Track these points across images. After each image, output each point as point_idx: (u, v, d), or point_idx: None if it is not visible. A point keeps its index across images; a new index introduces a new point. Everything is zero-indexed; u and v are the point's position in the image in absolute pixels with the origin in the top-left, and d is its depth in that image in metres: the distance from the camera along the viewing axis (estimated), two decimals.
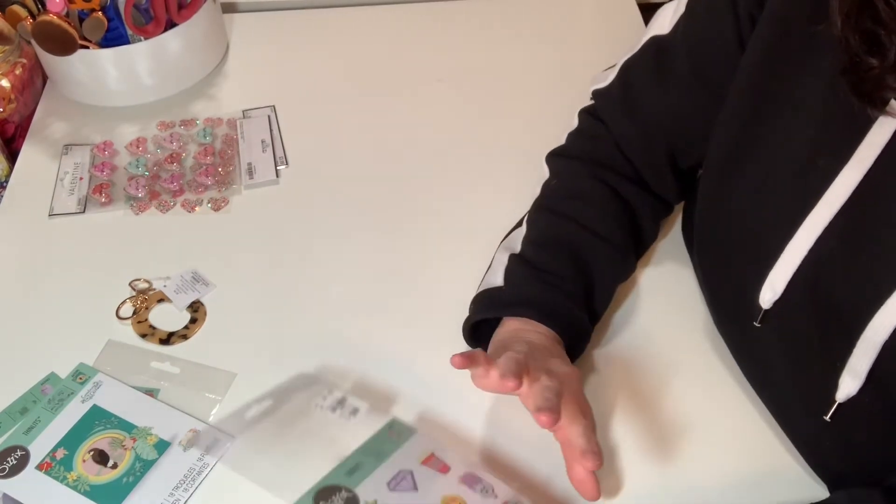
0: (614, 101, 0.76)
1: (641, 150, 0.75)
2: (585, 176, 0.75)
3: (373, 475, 0.60)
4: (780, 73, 0.60)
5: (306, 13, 1.14)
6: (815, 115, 0.57)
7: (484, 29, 1.10)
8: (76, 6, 0.90)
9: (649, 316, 0.77)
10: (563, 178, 0.77)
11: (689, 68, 0.69)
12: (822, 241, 0.56)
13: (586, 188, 0.75)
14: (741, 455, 0.68)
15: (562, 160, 0.78)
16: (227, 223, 0.87)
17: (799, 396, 0.63)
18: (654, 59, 0.72)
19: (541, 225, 0.74)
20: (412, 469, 0.61)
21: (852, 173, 0.54)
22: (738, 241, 0.64)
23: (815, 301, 0.58)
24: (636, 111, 0.74)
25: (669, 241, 0.83)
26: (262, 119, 0.98)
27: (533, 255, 0.72)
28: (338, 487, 0.59)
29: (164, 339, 0.76)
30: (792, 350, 0.62)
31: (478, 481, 0.60)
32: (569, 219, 0.73)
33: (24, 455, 0.67)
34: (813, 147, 0.57)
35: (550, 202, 0.76)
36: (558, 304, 0.69)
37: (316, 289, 0.80)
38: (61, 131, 0.98)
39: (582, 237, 0.72)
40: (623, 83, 0.75)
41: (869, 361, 0.54)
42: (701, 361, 0.74)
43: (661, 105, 0.72)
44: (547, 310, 0.68)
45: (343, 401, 0.69)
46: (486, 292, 0.71)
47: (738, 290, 0.64)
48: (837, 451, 0.62)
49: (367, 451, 0.62)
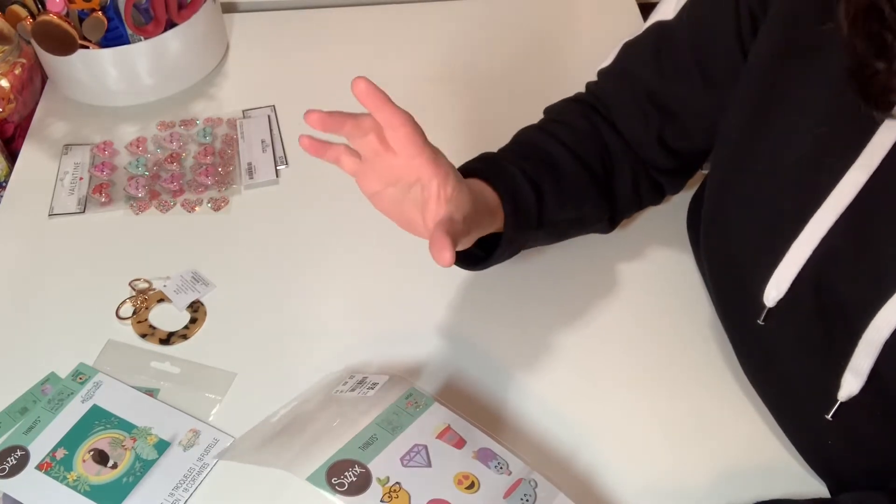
0: (611, 75, 0.76)
1: (635, 123, 0.75)
2: (577, 114, 0.76)
3: (386, 449, 0.59)
4: (787, 72, 0.60)
5: (306, 13, 1.14)
6: (821, 114, 0.57)
7: (484, 29, 1.10)
8: (76, 6, 0.90)
9: (652, 311, 0.78)
10: (554, 111, 0.78)
11: (689, 56, 0.70)
12: (827, 241, 0.57)
13: (575, 121, 0.75)
14: (739, 450, 0.68)
15: (560, 102, 0.79)
16: (227, 223, 0.87)
17: (801, 395, 0.63)
18: (654, 42, 0.72)
19: (516, 135, 0.76)
20: (426, 444, 0.60)
21: (858, 174, 0.54)
22: (744, 240, 0.64)
23: (818, 300, 0.58)
24: (632, 84, 0.74)
25: (673, 239, 0.84)
26: (262, 119, 0.98)
27: (499, 151, 0.73)
28: (351, 462, 0.58)
29: (164, 339, 0.76)
30: (795, 348, 0.62)
31: (493, 457, 0.60)
32: (545, 131, 0.74)
33: (24, 455, 0.67)
34: (819, 147, 0.57)
35: (536, 124, 0.77)
36: (508, 169, 0.69)
37: (316, 288, 0.80)
38: (61, 131, 0.98)
39: (556, 147, 0.73)
40: (621, 60, 0.76)
41: (871, 360, 0.54)
42: (702, 357, 0.74)
43: (655, 83, 0.72)
44: (494, 172, 0.68)
45: (363, 381, 0.68)
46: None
47: (743, 287, 0.64)
48: (838, 450, 0.62)
49: (383, 422, 0.62)
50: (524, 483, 0.59)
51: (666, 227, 0.85)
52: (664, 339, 0.76)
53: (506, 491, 0.58)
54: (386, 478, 0.58)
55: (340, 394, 0.67)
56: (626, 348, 0.75)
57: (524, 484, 0.59)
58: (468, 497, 0.57)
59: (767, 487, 0.65)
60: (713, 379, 0.73)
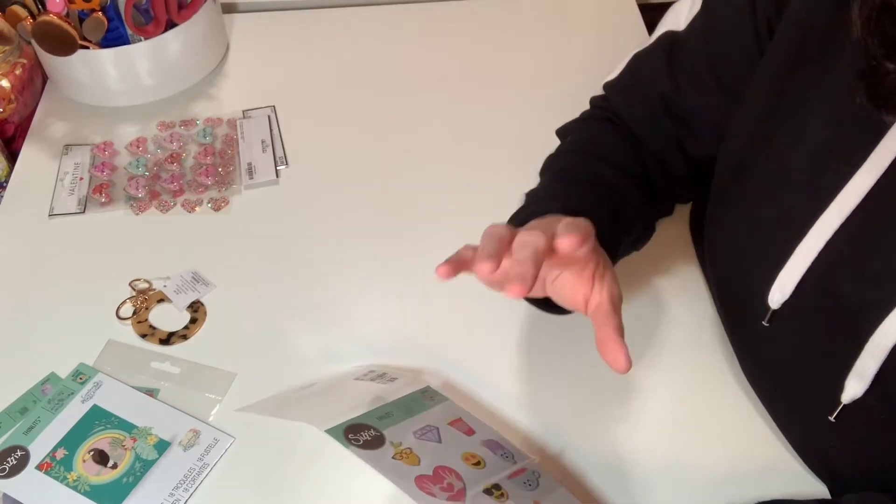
0: (623, 87, 0.76)
1: (653, 135, 0.74)
2: (605, 130, 0.74)
3: (401, 423, 0.62)
4: (797, 76, 0.60)
5: (306, 13, 1.14)
6: (830, 118, 0.57)
7: (484, 29, 1.10)
8: (76, 6, 0.90)
9: (653, 310, 0.78)
10: (580, 130, 0.75)
11: (705, 65, 0.69)
12: (833, 244, 0.56)
13: (607, 136, 0.73)
14: (739, 450, 0.68)
15: (575, 122, 0.77)
16: (227, 223, 0.87)
17: (803, 397, 0.63)
18: (667, 53, 0.72)
19: (558, 164, 0.72)
20: (439, 426, 0.63)
21: (865, 178, 0.54)
22: (749, 241, 0.64)
23: (824, 303, 0.58)
24: (645, 96, 0.73)
25: (676, 236, 0.84)
26: (262, 119, 0.98)
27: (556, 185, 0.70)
28: (367, 426, 0.60)
29: (164, 339, 0.76)
30: (799, 351, 0.62)
31: (499, 448, 0.62)
32: (589, 154, 0.71)
33: (24, 455, 0.67)
34: (827, 151, 0.57)
35: (565, 147, 0.75)
36: (585, 202, 0.65)
37: (316, 288, 0.80)
38: (61, 131, 0.98)
39: (605, 170, 0.69)
40: (632, 70, 0.75)
41: (876, 365, 0.54)
42: (703, 357, 0.74)
43: (670, 94, 0.72)
44: (573, 205, 0.64)
45: (383, 375, 0.70)
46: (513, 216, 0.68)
47: (747, 289, 0.64)
48: (840, 452, 0.62)
49: (400, 405, 0.64)
50: (528, 472, 0.61)
51: (668, 225, 0.85)
52: (664, 339, 0.76)
53: (510, 474, 0.60)
54: (399, 442, 0.60)
55: (359, 381, 0.69)
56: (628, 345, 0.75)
57: (528, 472, 0.61)
58: (474, 470, 0.59)
59: (767, 487, 0.65)
60: (713, 379, 0.73)
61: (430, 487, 0.57)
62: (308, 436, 0.69)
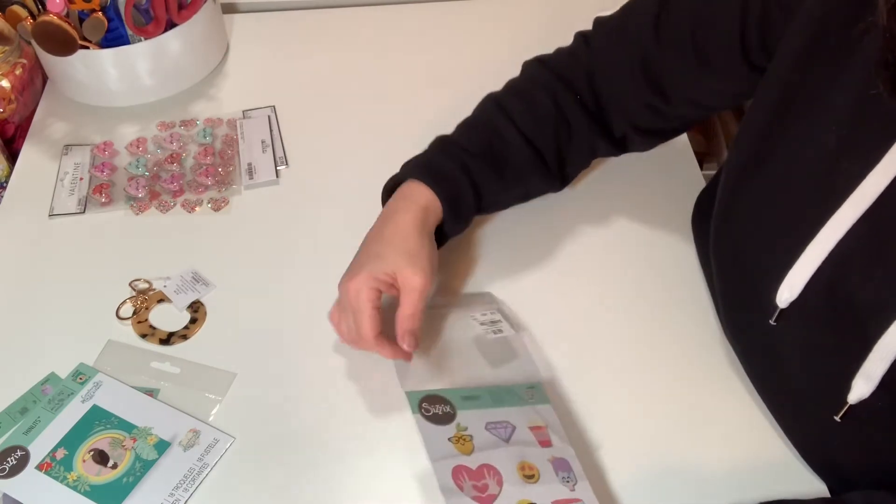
0: (609, 28, 0.77)
1: (616, 78, 0.75)
2: (541, 86, 0.78)
3: (481, 410, 0.63)
4: (813, 72, 0.60)
5: (306, 13, 1.14)
6: (844, 117, 0.57)
7: (483, 29, 1.10)
8: (76, 6, 0.90)
9: (653, 310, 0.78)
10: (523, 78, 0.80)
11: (687, 29, 0.69)
12: (844, 244, 0.56)
13: (537, 96, 0.77)
14: (741, 450, 0.68)
15: (534, 64, 0.81)
16: (227, 223, 0.87)
17: (809, 396, 0.63)
18: (656, 7, 0.72)
19: (478, 110, 0.80)
20: (517, 426, 0.63)
21: (879, 178, 0.54)
22: (758, 239, 0.64)
23: (832, 303, 0.58)
24: (627, 47, 0.74)
25: (677, 235, 0.84)
26: (262, 119, 0.98)
27: (455, 133, 0.79)
28: (447, 401, 0.62)
29: (164, 339, 0.76)
30: (805, 350, 0.62)
31: (566, 469, 0.61)
32: (504, 110, 0.77)
33: (24, 455, 0.67)
34: (841, 150, 0.57)
35: (499, 93, 0.80)
36: (448, 170, 0.74)
37: (316, 288, 0.80)
38: (61, 131, 0.98)
39: (508, 129, 0.76)
40: (621, 17, 0.76)
41: (885, 366, 0.54)
42: (704, 357, 0.74)
43: (651, 49, 0.72)
44: (435, 172, 0.74)
45: (495, 322, 0.71)
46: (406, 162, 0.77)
47: (755, 287, 0.64)
48: (845, 451, 0.62)
49: (493, 392, 0.64)
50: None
51: (669, 221, 0.85)
52: (664, 339, 0.76)
53: (557, 500, 0.58)
54: (465, 427, 0.60)
55: (473, 319, 0.72)
56: (626, 348, 0.75)
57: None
58: (523, 482, 0.58)
59: (768, 487, 0.65)
60: (714, 378, 0.73)
61: (463, 481, 0.56)
62: (308, 435, 0.69)
